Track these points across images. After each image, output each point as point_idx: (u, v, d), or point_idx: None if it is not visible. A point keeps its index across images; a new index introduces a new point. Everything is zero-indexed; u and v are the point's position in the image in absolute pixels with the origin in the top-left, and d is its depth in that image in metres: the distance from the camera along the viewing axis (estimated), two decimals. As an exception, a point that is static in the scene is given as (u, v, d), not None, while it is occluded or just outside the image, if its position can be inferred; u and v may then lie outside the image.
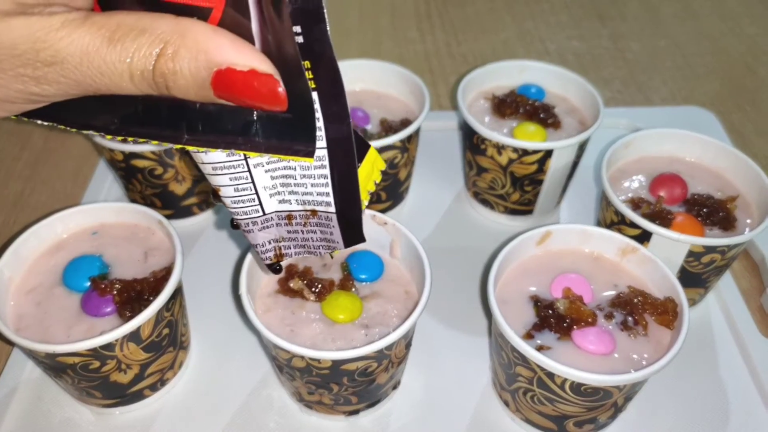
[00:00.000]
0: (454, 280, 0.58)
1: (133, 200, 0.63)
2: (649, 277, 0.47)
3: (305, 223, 0.34)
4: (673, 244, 0.49)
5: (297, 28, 0.26)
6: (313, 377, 0.42)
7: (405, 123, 0.60)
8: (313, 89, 0.27)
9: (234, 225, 0.35)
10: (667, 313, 0.44)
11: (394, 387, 0.49)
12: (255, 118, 0.28)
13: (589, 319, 0.44)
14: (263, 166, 0.31)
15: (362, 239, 0.34)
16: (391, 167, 0.59)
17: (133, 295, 0.44)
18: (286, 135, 0.28)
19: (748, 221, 0.53)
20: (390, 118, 0.61)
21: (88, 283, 0.46)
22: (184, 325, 0.50)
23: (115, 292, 0.44)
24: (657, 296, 0.46)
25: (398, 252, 0.49)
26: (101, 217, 0.51)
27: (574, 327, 0.43)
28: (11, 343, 0.52)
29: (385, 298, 0.46)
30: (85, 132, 0.30)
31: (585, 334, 0.43)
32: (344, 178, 0.31)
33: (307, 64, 0.27)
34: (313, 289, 0.46)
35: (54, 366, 0.43)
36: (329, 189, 0.32)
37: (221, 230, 0.63)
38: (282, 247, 0.37)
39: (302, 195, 0.32)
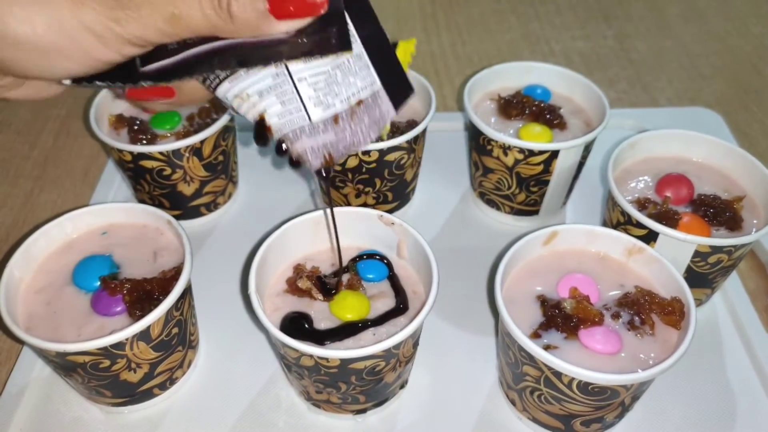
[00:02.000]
0: (461, 280, 0.58)
1: (141, 201, 0.63)
2: (655, 277, 0.48)
3: (352, 116, 0.38)
4: (679, 245, 0.49)
5: None
6: (321, 376, 0.43)
7: (411, 124, 0.60)
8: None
9: (280, 148, 0.38)
10: (674, 312, 0.44)
11: (402, 386, 0.49)
12: (296, 37, 0.34)
13: (596, 319, 0.44)
14: (306, 80, 0.36)
15: (410, 89, 0.40)
16: (398, 168, 0.59)
17: (142, 295, 0.45)
18: (322, 38, 0.34)
19: (755, 221, 0.53)
20: (396, 120, 0.62)
21: (98, 283, 0.46)
22: (193, 325, 0.50)
23: (125, 292, 0.45)
24: (664, 296, 0.46)
25: (405, 252, 0.49)
26: (110, 218, 0.51)
27: (581, 326, 0.44)
28: (21, 342, 0.52)
29: (393, 297, 0.46)
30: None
31: (592, 333, 0.43)
32: (383, 57, 0.37)
33: None
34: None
35: (64, 365, 0.43)
36: (372, 71, 0.37)
37: (229, 231, 0.63)
38: (331, 151, 0.39)
39: (346, 92, 0.37)
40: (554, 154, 0.56)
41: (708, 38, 0.91)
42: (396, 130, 0.60)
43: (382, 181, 0.59)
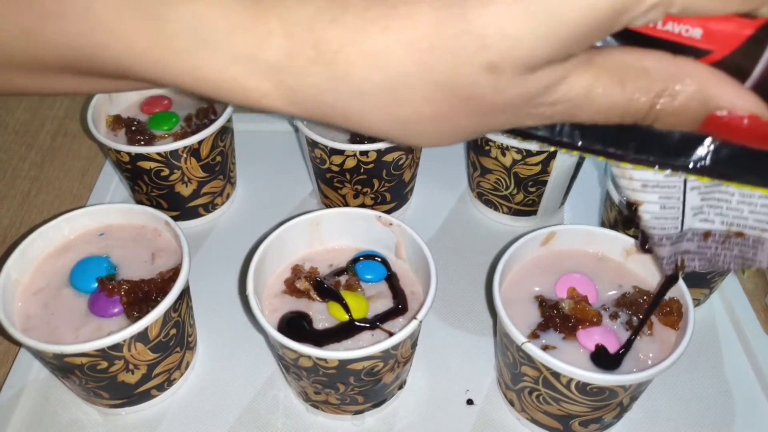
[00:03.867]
0: (459, 281, 0.58)
1: (139, 201, 0.63)
2: (654, 278, 0.48)
3: (725, 241, 0.33)
4: (677, 245, 0.49)
5: None
6: (319, 377, 0.43)
7: (409, 124, 0.60)
8: None
9: (644, 240, 0.35)
10: (672, 313, 0.44)
11: (400, 387, 0.49)
12: (711, 144, 0.28)
13: (594, 319, 0.44)
14: (699, 189, 0.31)
15: None
16: (396, 169, 0.59)
17: (140, 296, 0.45)
18: (743, 165, 0.28)
19: (753, 221, 0.53)
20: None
21: (96, 284, 0.46)
22: (191, 326, 0.50)
23: (123, 293, 0.45)
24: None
25: (404, 253, 0.49)
26: (108, 219, 0.51)
27: (579, 327, 0.44)
28: (18, 344, 0.52)
29: (391, 298, 0.46)
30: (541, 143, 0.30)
31: (590, 333, 0.43)
32: None
33: None
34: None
35: (62, 367, 0.43)
36: None
37: (227, 231, 0.63)
38: (686, 259, 0.36)
39: (732, 218, 0.32)
40: (552, 154, 0.56)
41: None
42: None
43: (380, 182, 0.59)
